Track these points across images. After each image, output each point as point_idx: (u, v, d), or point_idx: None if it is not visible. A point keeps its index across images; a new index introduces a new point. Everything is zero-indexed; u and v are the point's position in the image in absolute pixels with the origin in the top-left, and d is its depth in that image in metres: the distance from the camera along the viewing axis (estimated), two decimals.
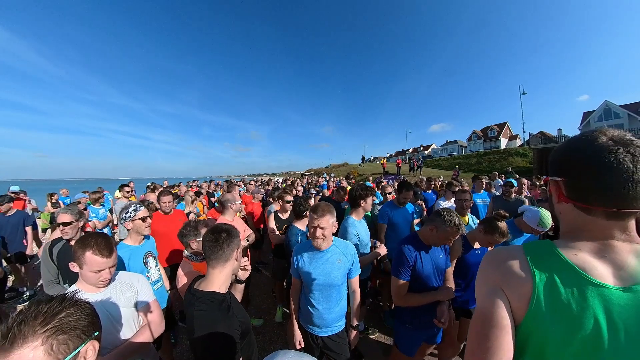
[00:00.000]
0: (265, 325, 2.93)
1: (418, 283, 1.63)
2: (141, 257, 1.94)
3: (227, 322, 1.03)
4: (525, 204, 3.46)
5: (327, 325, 1.61)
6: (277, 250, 2.92)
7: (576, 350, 0.52)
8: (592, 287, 0.53)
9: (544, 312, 0.54)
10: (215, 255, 1.09)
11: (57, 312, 0.67)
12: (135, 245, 1.95)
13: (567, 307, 0.53)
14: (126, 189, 4.95)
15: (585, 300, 0.52)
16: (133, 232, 1.97)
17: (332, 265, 1.59)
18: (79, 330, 0.69)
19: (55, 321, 0.65)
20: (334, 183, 7.63)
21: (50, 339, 0.63)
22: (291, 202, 3.08)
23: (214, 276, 1.10)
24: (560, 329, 0.53)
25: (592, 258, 0.56)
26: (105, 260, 1.23)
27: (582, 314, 0.52)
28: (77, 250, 1.21)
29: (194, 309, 1.02)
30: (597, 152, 0.53)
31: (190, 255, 1.84)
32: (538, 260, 0.59)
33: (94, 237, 1.25)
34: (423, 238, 1.70)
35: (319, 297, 1.60)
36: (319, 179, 10.72)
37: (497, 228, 1.85)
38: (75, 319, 0.69)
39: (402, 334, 1.75)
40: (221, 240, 1.10)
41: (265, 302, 3.46)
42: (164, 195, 2.91)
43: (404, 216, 2.90)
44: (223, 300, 1.08)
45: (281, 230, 2.93)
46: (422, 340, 1.75)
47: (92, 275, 1.21)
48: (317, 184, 9.19)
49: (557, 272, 0.56)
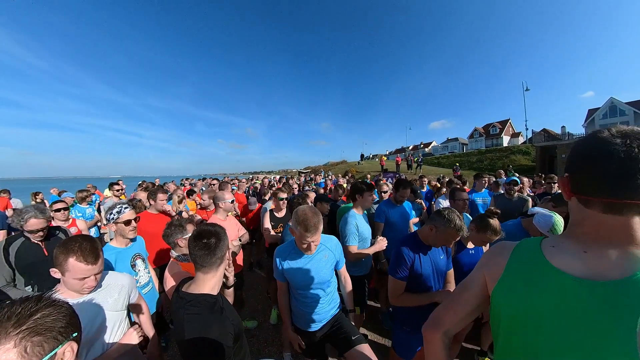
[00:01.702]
0: (260, 328, 2.93)
1: (416, 284, 1.62)
2: (128, 260, 1.90)
3: (220, 325, 1.02)
4: (528, 203, 3.47)
5: (324, 318, 1.65)
6: (272, 250, 2.90)
7: (524, 326, 0.61)
8: (552, 274, 0.60)
9: (505, 290, 0.67)
10: (207, 262, 1.07)
11: (31, 312, 0.65)
12: (121, 247, 1.90)
13: (522, 287, 0.63)
14: (116, 188, 4.91)
15: (540, 284, 0.61)
16: (117, 235, 1.92)
17: (319, 263, 1.60)
18: (55, 332, 0.68)
19: (30, 322, 0.64)
20: (331, 181, 7.62)
21: (24, 340, 0.62)
22: (285, 199, 3.07)
23: (206, 280, 1.09)
24: (516, 305, 0.63)
25: (571, 250, 0.61)
26: (91, 267, 1.16)
27: (533, 295, 0.61)
28: (59, 256, 1.13)
29: (184, 312, 1.01)
30: (597, 144, 0.56)
31: (178, 256, 1.82)
32: (520, 251, 0.69)
33: (78, 241, 1.18)
34: (422, 238, 1.68)
35: (311, 296, 1.60)
36: (316, 177, 10.72)
37: (490, 225, 1.85)
38: (52, 319, 0.68)
39: (400, 337, 1.76)
40: (212, 246, 1.08)
41: (260, 304, 3.46)
42: (160, 192, 2.84)
43: (402, 214, 2.90)
44: (215, 302, 1.07)
45: (276, 229, 2.92)
46: (421, 344, 1.75)
47: (76, 283, 1.16)
48: (314, 181, 9.19)
49: (528, 261, 0.65)
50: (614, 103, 27.57)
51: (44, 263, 1.96)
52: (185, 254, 1.83)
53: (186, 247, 1.80)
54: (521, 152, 23.96)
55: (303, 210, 1.49)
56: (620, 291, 0.52)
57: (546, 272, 0.61)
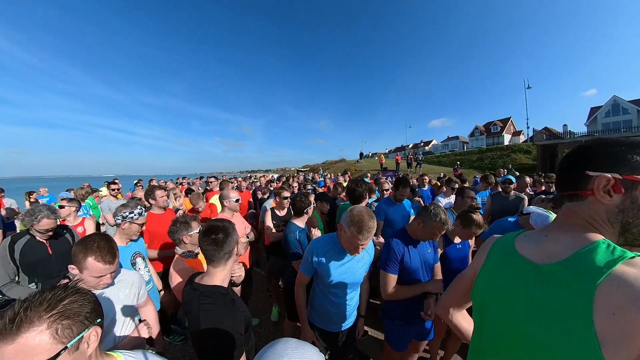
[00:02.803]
0: (261, 325, 3.01)
1: (406, 277, 1.71)
2: (128, 258, 1.93)
3: (233, 316, 1.09)
4: (524, 202, 3.56)
5: (344, 320, 1.67)
6: (272, 248, 2.97)
7: (491, 309, 0.72)
8: (515, 261, 0.69)
9: (482, 277, 0.78)
10: (217, 257, 1.15)
11: (61, 298, 0.71)
12: (122, 245, 1.92)
13: (492, 274, 0.75)
14: (113, 187, 4.93)
15: (505, 270, 0.70)
16: (122, 233, 1.96)
17: (357, 264, 1.62)
18: (82, 316, 0.73)
19: (60, 307, 0.70)
20: (330, 180, 7.69)
21: (55, 323, 0.67)
22: (288, 198, 3.13)
23: (217, 273, 1.16)
24: (484, 290, 0.75)
25: (535, 238, 0.70)
26: (108, 266, 1.22)
27: (499, 281, 0.71)
28: (77, 254, 1.19)
29: (198, 303, 1.07)
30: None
31: (184, 252, 1.87)
32: (498, 243, 0.79)
33: (96, 240, 1.22)
34: (411, 232, 1.77)
35: (341, 295, 1.62)
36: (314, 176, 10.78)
37: (473, 220, 1.98)
38: (79, 305, 0.74)
39: (392, 330, 1.84)
40: (220, 241, 1.14)
41: (261, 301, 3.54)
42: (158, 190, 2.86)
43: (401, 213, 2.99)
44: (227, 293, 1.14)
45: (278, 228, 2.99)
46: (413, 336, 1.84)
47: (92, 280, 1.22)
48: (313, 179, 9.24)
49: (501, 251, 0.75)
50: (617, 101, 27.67)
51: (48, 261, 2.02)
52: (191, 250, 1.89)
53: (191, 244, 1.87)
54: (522, 151, 24.09)
55: (359, 211, 1.41)
56: (565, 268, 0.58)
57: (510, 259, 0.70)
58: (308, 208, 2.49)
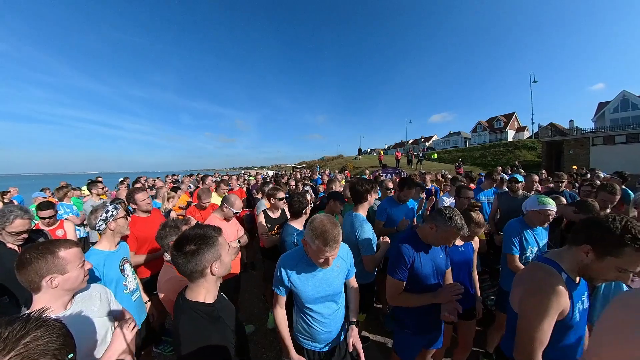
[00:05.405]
0: (257, 332, 2.99)
1: (416, 284, 1.67)
2: (117, 263, 1.86)
3: (216, 335, 1.04)
4: None
5: (333, 335, 1.58)
6: (268, 252, 2.93)
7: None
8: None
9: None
10: (187, 270, 1.05)
11: (21, 336, 0.62)
12: (110, 250, 1.87)
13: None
14: (100, 186, 4.81)
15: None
16: (109, 235, 1.90)
17: (331, 273, 1.53)
18: (50, 355, 0.65)
19: (20, 347, 0.61)
20: (327, 176, 7.66)
21: None
22: (284, 199, 3.08)
23: (196, 288, 1.10)
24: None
25: None
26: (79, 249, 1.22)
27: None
28: (47, 260, 1.08)
29: (178, 320, 1.03)
30: None
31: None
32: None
33: (50, 240, 1.22)
34: (422, 237, 1.71)
35: (322, 308, 1.53)
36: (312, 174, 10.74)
37: (473, 219, 1.98)
38: (45, 342, 0.65)
39: (402, 339, 1.82)
40: (188, 253, 1.04)
41: (257, 307, 3.52)
42: (138, 192, 2.66)
43: (405, 213, 2.96)
44: (212, 310, 1.09)
45: (272, 231, 2.94)
46: (422, 345, 1.82)
47: (78, 272, 1.17)
48: (311, 178, 9.20)
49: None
50: (626, 96, 27.47)
51: None
52: None
53: None
54: (526, 147, 24.31)
55: (320, 221, 1.35)
56: None
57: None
58: (306, 208, 2.45)
